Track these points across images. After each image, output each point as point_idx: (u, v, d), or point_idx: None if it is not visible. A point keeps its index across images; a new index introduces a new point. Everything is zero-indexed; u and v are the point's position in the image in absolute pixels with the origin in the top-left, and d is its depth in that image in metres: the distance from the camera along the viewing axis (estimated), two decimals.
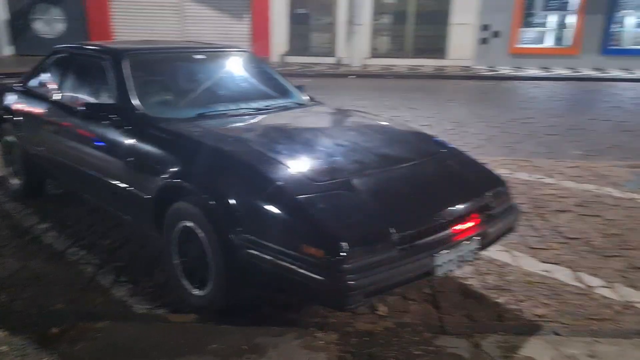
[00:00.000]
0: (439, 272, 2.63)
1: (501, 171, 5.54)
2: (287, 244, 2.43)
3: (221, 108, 3.56)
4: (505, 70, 14.68)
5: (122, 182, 3.26)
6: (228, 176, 2.73)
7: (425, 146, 3.34)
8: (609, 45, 15.26)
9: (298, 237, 2.40)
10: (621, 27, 15.42)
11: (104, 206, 3.75)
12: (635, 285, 3.28)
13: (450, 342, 2.58)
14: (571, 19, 15.46)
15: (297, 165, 2.77)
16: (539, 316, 2.96)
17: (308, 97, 4.15)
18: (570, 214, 4.43)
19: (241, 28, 15.66)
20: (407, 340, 2.59)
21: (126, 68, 3.51)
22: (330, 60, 15.31)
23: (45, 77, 4.27)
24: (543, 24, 15.83)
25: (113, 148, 3.34)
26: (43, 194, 4.57)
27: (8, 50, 15.67)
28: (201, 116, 3.40)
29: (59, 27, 15.71)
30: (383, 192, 2.70)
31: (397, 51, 15.69)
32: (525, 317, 2.96)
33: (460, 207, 2.77)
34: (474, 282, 3.32)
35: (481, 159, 5.86)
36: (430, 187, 2.88)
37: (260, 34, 15.49)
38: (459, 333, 2.66)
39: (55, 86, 4.04)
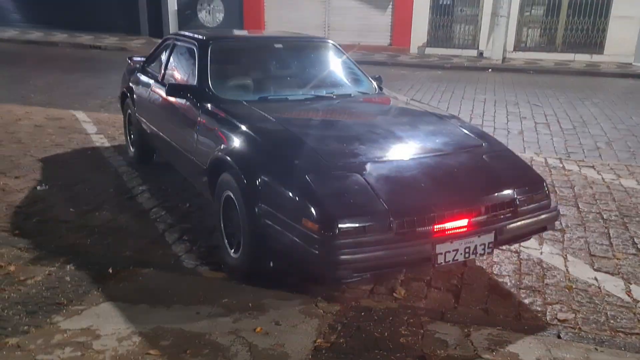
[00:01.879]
0: (441, 260, 2.70)
1: (605, 176, 5.22)
2: (292, 217, 2.67)
3: (284, 93, 3.87)
4: None
5: (190, 153, 3.73)
6: (258, 153, 3.03)
7: (465, 140, 3.34)
8: None
9: (300, 211, 2.63)
10: None
11: (184, 175, 4.28)
12: None
13: (442, 328, 2.63)
14: None
15: (319, 148, 2.99)
16: (560, 321, 2.87)
17: (376, 87, 4.29)
18: None
19: (383, 19, 15.86)
20: (401, 320, 2.69)
21: (208, 54, 3.96)
22: (471, 52, 14.90)
23: (156, 59, 4.92)
24: None
25: (187, 123, 3.81)
26: (151, 162, 5.27)
27: None
28: (262, 99, 3.74)
29: (219, 16, 17.18)
30: (394, 178, 2.82)
31: (545, 45, 14.76)
32: (545, 319, 2.88)
33: (473, 199, 2.79)
34: (507, 280, 3.28)
35: (589, 162, 5.63)
36: (449, 178, 2.92)
37: (401, 25, 15.55)
38: (455, 322, 2.70)
39: (159, 67, 4.65)
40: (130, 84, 5.23)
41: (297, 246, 2.63)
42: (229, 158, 3.14)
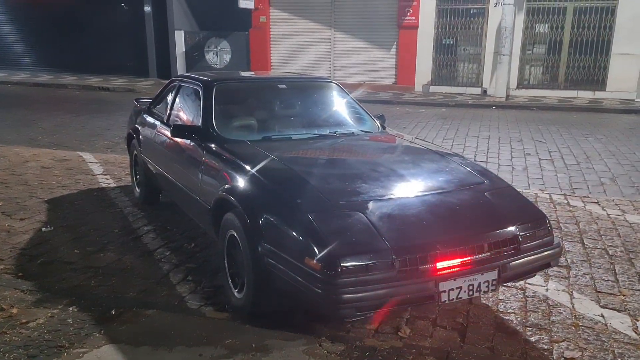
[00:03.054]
0: (444, 298, 2.68)
1: (610, 212, 5.20)
2: (294, 256, 2.67)
3: (287, 133, 3.92)
4: None
5: (195, 193, 3.77)
6: (260, 192, 3.06)
7: (467, 177, 3.37)
8: None
9: (303, 250, 2.64)
10: None
11: (189, 215, 4.30)
12: None
13: None
14: None
15: (322, 187, 3.01)
16: (567, 359, 2.83)
17: (379, 126, 4.34)
18: None
19: (388, 59, 16.10)
20: None
21: (213, 95, 4.04)
22: (475, 90, 15.07)
23: (162, 101, 5.01)
24: None
25: (192, 163, 3.87)
26: (157, 202, 5.30)
27: None
28: (265, 139, 3.80)
29: (226, 58, 17.53)
30: (396, 216, 2.83)
31: (548, 82, 14.92)
32: (552, 358, 2.84)
33: (476, 237, 2.79)
34: (513, 318, 3.24)
35: (594, 198, 5.63)
36: (451, 215, 2.93)
37: (405, 65, 15.78)
38: None
39: (165, 109, 4.74)
40: (137, 125, 5.31)
41: (301, 285, 2.63)
42: (232, 197, 3.17)
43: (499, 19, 14.11)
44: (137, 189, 5.45)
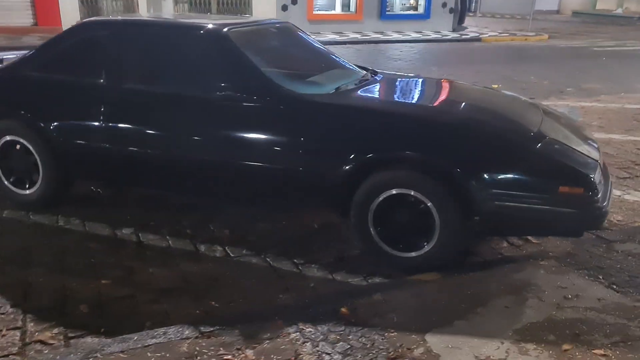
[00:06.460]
0: None
1: None
2: (542, 189, 2.81)
3: (336, 82, 3.50)
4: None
5: (289, 165, 3.08)
6: (460, 142, 2.95)
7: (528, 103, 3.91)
8: (385, 11, 17.41)
9: (552, 182, 2.80)
10: None
11: (230, 198, 3.48)
12: None
13: None
14: None
15: (496, 125, 3.16)
16: None
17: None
18: None
19: None
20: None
21: (235, 45, 3.28)
22: None
23: (74, 57, 3.56)
24: None
25: (257, 131, 3.16)
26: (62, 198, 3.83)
27: None
28: (337, 90, 3.36)
29: None
30: (561, 139, 3.23)
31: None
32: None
33: None
34: None
35: None
36: None
37: (45, 3, 13.54)
38: None
39: (99, 66, 3.47)
40: (30, 94, 3.64)
41: (551, 213, 2.81)
42: (410, 152, 2.90)
43: None
44: (18, 191, 3.75)
